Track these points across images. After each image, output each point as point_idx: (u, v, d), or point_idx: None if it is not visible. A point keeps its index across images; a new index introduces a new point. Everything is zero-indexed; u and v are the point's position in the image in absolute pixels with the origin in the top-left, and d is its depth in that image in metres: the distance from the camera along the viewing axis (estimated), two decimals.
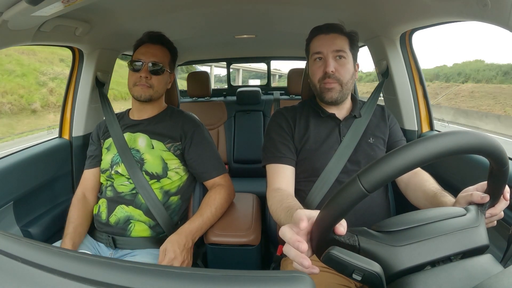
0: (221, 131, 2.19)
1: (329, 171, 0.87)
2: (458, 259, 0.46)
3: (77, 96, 1.34)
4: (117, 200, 0.99)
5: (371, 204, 0.87)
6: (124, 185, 1.00)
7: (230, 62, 3.01)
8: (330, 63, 0.87)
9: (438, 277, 0.42)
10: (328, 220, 0.42)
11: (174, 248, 0.87)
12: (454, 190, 0.66)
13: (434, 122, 1.30)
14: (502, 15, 0.66)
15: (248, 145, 2.13)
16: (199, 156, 1.04)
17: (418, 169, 0.87)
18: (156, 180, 1.00)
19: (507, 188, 0.53)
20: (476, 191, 0.56)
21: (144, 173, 0.99)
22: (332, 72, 0.86)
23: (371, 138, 0.92)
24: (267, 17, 1.40)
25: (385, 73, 1.27)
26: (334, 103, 0.91)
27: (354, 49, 0.92)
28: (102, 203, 1.01)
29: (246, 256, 1.00)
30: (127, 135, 1.05)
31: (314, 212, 0.46)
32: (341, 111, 0.95)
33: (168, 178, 1.02)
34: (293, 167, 0.90)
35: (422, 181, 0.82)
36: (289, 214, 0.67)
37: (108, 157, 1.04)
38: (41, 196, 1.19)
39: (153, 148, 1.02)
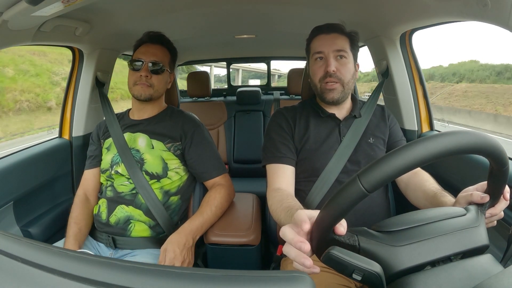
0: (221, 131, 2.19)
1: (329, 171, 0.87)
2: (458, 259, 0.46)
3: (77, 96, 1.34)
4: (117, 200, 0.99)
5: (371, 204, 0.87)
6: (124, 185, 1.00)
7: (230, 62, 3.01)
8: (331, 62, 0.87)
9: (438, 277, 0.42)
10: (328, 220, 0.42)
11: (174, 248, 0.88)
12: (454, 190, 0.66)
13: (434, 122, 1.30)
14: (502, 15, 0.66)
15: (248, 145, 2.13)
16: (199, 156, 1.04)
17: (418, 169, 0.87)
18: (156, 180, 1.00)
19: (507, 188, 0.53)
20: (476, 191, 0.56)
21: (144, 173, 0.99)
22: (333, 71, 0.86)
23: (371, 138, 0.92)
24: (267, 17, 1.40)
25: (385, 73, 1.27)
26: (335, 103, 0.91)
27: (354, 49, 0.92)
28: (102, 203, 1.01)
29: (246, 256, 1.00)
30: (127, 135, 1.05)
31: (315, 212, 0.46)
32: (341, 111, 0.95)
33: (168, 178, 1.02)
34: (293, 167, 0.90)
35: (422, 181, 0.82)
36: (289, 214, 0.67)
37: (108, 157, 1.04)
38: (41, 196, 1.19)
39: (153, 148, 1.02)
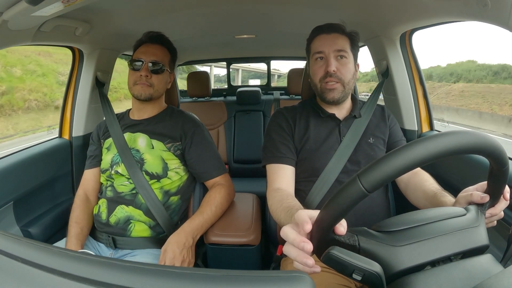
0: (221, 131, 2.19)
1: (329, 171, 0.87)
2: (458, 259, 0.46)
3: (77, 96, 1.34)
4: (117, 200, 0.99)
5: (371, 204, 0.87)
6: (124, 185, 1.00)
7: (230, 62, 3.01)
8: (331, 62, 0.87)
9: (438, 277, 0.42)
10: (328, 220, 0.42)
11: (173, 248, 0.88)
12: (454, 190, 0.66)
13: (434, 122, 1.30)
14: (502, 15, 0.66)
15: (248, 145, 2.13)
16: (199, 156, 1.04)
17: (418, 169, 0.87)
18: (156, 180, 1.00)
19: (507, 188, 0.53)
20: (476, 191, 0.56)
21: (144, 173, 0.99)
22: (333, 71, 0.86)
23: (371, 138, 0.92)
24: (267, 17, 1.40)
25: (385, 73, 1.27)
26: (336, 103, 0.91)
27: (355, 49, 0.92)
28: (102, 203, 1.01)
29: (246, 256, 1.00)
30: (127, 135, 1.05)
31: (315, 212, 0.46)
32: (341, 111, 0.95)
33: (168, 178, 1.02)
34: (293, 167, 0.90)
35: (422, 181, 0.82)
36: (289, 214, 0.67)
37: (108, 157, 1.04)
38: (41, 196, 1.19)
39: (153, 148, 1.02)
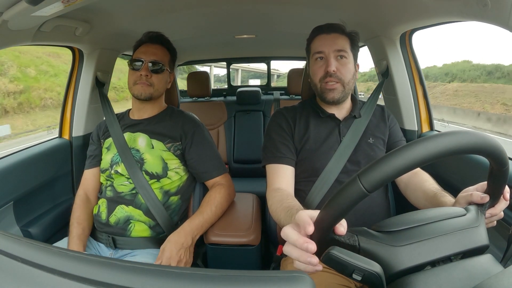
0: (221, 131, 2.18)
1: (329, 171, 0.87)
2: (458, 259, 0.46)
3: (77, 96, 1.34)
4: (117, 200, 0.99)
5: (371, 204, 0.87)
6: (124, 185, 1.00)
7: (230, 62, 3.01)
8: (331, 62, 0.87)
9: (438, 277, 0.42)
10: (328, 220, 0.42)
11: (170, 247, 0.88)
12: (454, 190, 0.66)
13: (434, 122, 1.30)
14: (502, 15, 0.66)
15: (248, 145, 2.13)
16: (200, 156, 1.04)
17: (418, 169, 0.87)
18: (156, 180, 1.00)
19: (507, 188, 0.53)
20: (476, 191, 0.56)
21: (144, 173, 0.99)
22: (333, 71, 0.86)
23: (370, 138, 0.92)
24: (267, 17, 1.40)
25: (385, 73, 1.27)
26: (335, 103, 0.91)
27: (354, 49, 0.92)
28: (102, 203, 1.01)
29: (246, 256, 1.00)
30: (127, 135, 1.05)
31: (315, 212, 0.46)
32: (341, 111, 0.95)
33: (168, 178, 1.02)
34: (293, 167, 0.90)
35: (422, 181, 0.82)
36: (289, 214, 0.67)
37: (108, 157, 1.04)
38: (41, 196, 1.19)
39: (153, 148, 1.02)
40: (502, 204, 0.55)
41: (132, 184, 0.99)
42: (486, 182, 0.55)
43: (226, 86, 3.18)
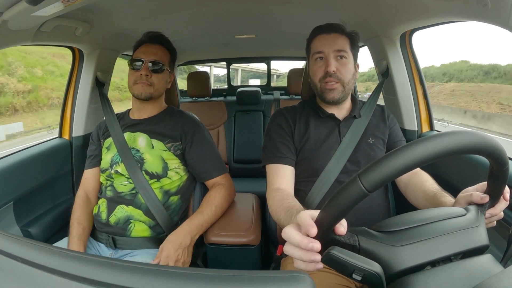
0: (221, 131, 2.19)
1: (329, 171, 0.87)
2: (458, 259, 0.46)
3: (77, 96, 1.34)
4: (117, 200, 0.99)
5: (371, 204, 0.87)
6: (124, 185, 1.00)
7: (230, 62, 3.01)
8: (331, 62, 0.87)
9: (438, 277, 0.42)
10: (329, 220, 0.42)
11: (168, 247, 0.88)
12: (454, 190, 0.66)
13: (434, 122, 1.30)
14: (502, 15, 0.66)
15: (248, 145, 2.13)
16: (200, 156, 1.04)
17: (418, 169, 0.87)
18: (156, 180, 1.00)
19: (507, 189, 0.53)
20: (476, 191, 0.56)
21: (144, 172, 0.99)
22: (333, 71, 0.86)
23: (370, 139, 0.92)
24: (267, 17, 1.40)
25: (385, 73, 1.27)
26: (335, 103, 0.91)
27: (354, 49, 0.92)
28: (102, 203, 1.01)
29: (246, 256, 1.00)
30: (127, 135, 1.05)
31: (316, 212, 0.46)
32: (341, 111, 0.95)
33: (168, 178, 1.02)
34: (293, 167, 0.90)
35: (421, 181, 0.82)
36: (289, 214, 0.67)
37: (108, 157, 1.04)
38: (41, 196, 1.19)
39: (153, 148, 1.02)
40: (502, 204, 0.55)
41: (132, 184, 0.99)
42: (486, 182, 0.55)
43: (226, 86, 3.18)
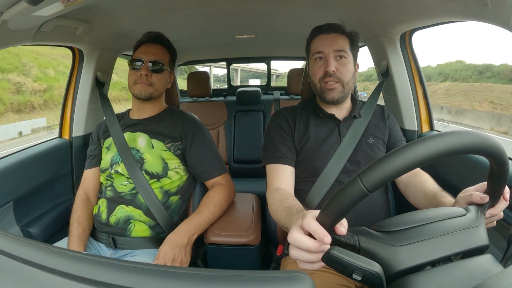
0: (221, 131, 2.19)
1: (329, 171, 0.87)
2: (458, 259, 0.46)
3: (77, 96, 1.34)
4: (117, 200, 0.99)
5: (371, 204, 0.87)
6: (124, 185, 1.00)
7: (230, 62, 3.01)
8: (331, 62, 0.87)
9: (438, 277, 0.42)
10: (329, 220, 0.42)
11: (165, 247, 0.89)
12: (454, 190, 0.66)
13: (434, 122, 1.30)
14: (502, 15, 0.66)
15: (248, 145, 2.13)
16: (200, 156, 1.04)
17: (417, 169, 0.87)
18: (156, 180, 1.00)
19: (507, 189, 0.53)
20: (476, 191, 0.56)
21: (144, 172, 0.99)
22: (333, 71, 0.86)
23: (370, 139, 0.92)
24: (267, 17, 1.40)
25: (385, 73, 1.27)
26: (335, 103, 0.91)
27: (354, 49, 0.92)
28: (102, 203, 1.01)
29: (246, 256, 1.00)
30: (127, 135, 1.05)
31: (317, 212, 0.46)
32: (341, 111, 0.95)
33: (168, 177, 1.02)
34: (293, 167, 0.90)
35: (421, 181, 0.82)
36: (289, 214, 0.67)
37: (108, 157, 1.04)
38: (41, 196, 1.19)
39: (153, 148, 1.02)
40: (502, 204, 0.55)
41: (132, 184, 0.99)
42: (486, 182, 0.55)
43: (226, 86, 3.18)
